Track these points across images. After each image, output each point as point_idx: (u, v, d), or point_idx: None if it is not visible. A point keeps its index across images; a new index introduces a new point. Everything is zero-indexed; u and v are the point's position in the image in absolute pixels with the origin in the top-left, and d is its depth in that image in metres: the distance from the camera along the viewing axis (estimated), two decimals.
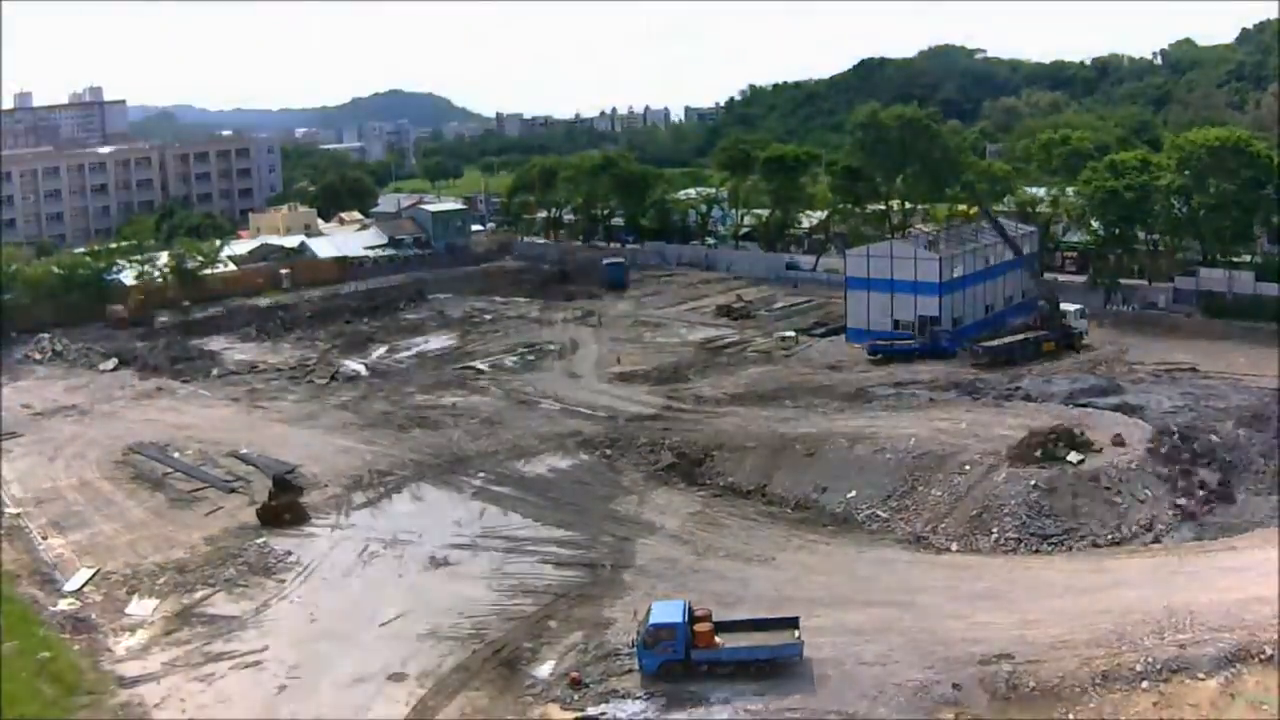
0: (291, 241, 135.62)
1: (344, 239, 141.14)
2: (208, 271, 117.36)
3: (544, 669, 40.47)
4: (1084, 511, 49.67)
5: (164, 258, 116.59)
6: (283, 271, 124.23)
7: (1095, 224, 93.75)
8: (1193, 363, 73.74)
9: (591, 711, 37.52)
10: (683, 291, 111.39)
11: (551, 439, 65.77)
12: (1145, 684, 36.48)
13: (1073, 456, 52.62)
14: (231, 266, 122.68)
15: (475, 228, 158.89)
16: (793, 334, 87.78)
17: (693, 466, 60.13)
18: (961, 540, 49.43)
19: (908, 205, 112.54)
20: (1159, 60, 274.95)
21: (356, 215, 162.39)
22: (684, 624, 38.85)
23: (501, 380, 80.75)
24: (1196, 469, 52.53)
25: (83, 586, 48.89)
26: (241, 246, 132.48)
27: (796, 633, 39.38)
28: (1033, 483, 51.33)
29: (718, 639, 39.45)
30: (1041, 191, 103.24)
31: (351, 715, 38.21)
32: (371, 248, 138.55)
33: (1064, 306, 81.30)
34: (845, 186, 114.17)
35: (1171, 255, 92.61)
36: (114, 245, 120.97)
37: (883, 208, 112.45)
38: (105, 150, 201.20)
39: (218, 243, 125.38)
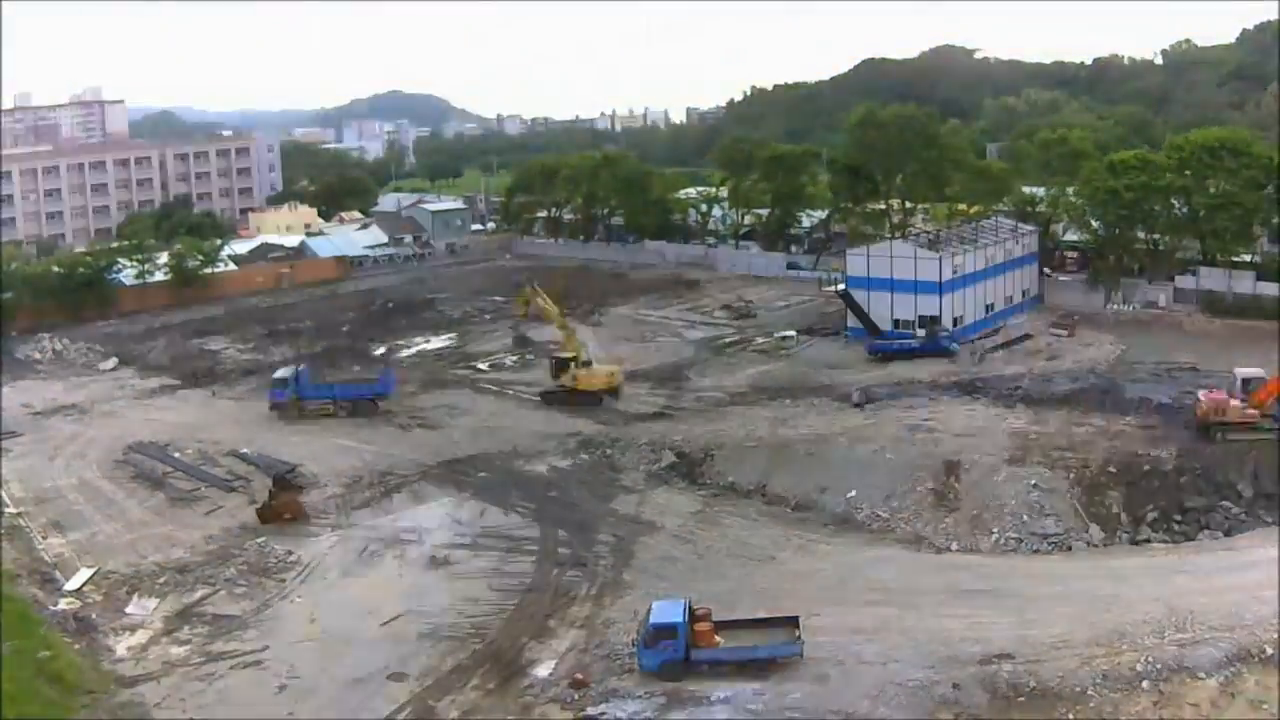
0: (292, 241, 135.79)
1: (344, 238, 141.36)
2: (208, 271, 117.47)
3: (544, 669, 40.46)
4: None
5: (164, 257, 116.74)
6: (283, 271, 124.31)
7: (1095, 224, 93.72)
8: (1193, 362, 73.69)
9: (591, 711, 37.50)
10: (683, 291, 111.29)
11: (551, 439, 65.74)
12: (1145, 684, 36.45)
13: None
14: (232, 266, 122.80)
15: (475, 227, 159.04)
16: (793, 334, 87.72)
17: (693, 466, 60.09)
18: (961, 540, 49.44)
19: (908, 205, 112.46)
20: (1159, 60, 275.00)
21: (357, 215, 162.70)
22: (684, 623, 38.85)
23: (502, 379, 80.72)
24: None
25: (83, 586, 48.86)
26: (242, 246, 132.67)
27: (797, 632, 39.37)
28: (1032, 482, 51.36)
29: (718, 638, 39.45)
30: (1041, 191, 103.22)
31: (351, 715, 38.21)
32: (372, 247, 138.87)
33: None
34: (845, 185, 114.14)
35: (1172, 255, 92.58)
36: (114, 245, 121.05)
37: (882, 207, 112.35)
38: (105, 150, 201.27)
39: (218, 242, 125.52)
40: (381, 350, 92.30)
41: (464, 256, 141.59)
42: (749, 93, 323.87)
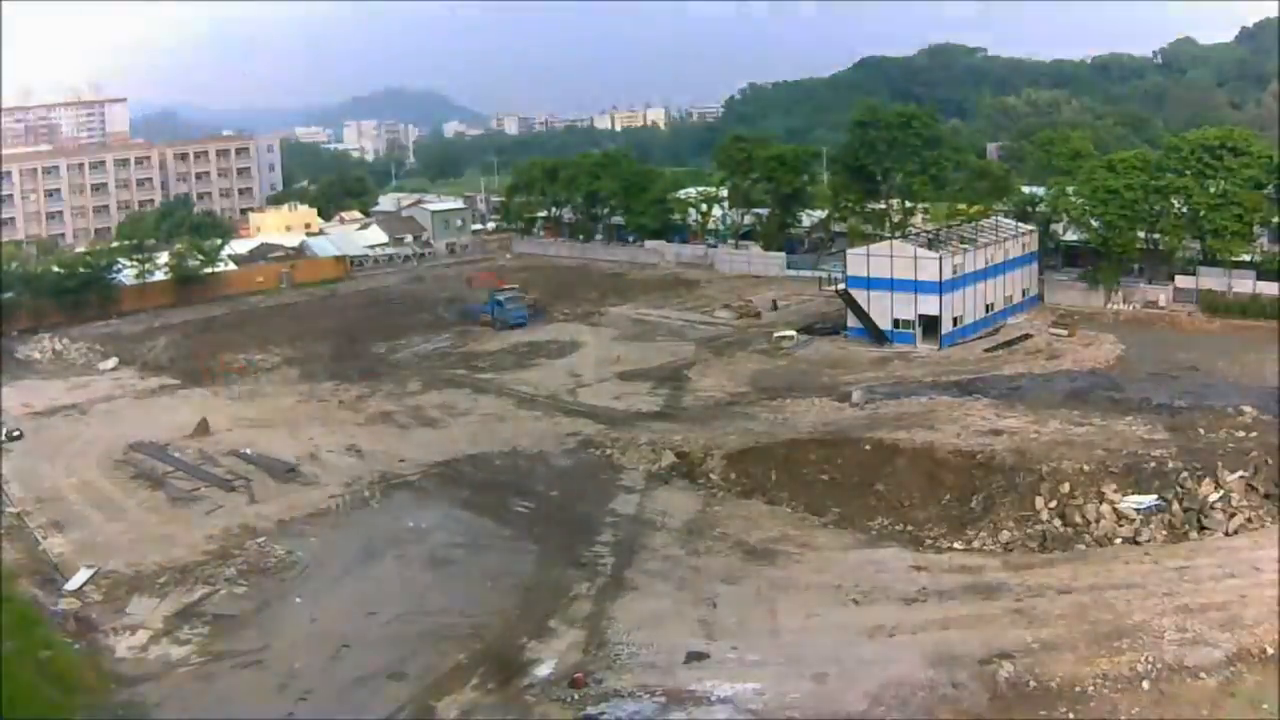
0: (292, 241, 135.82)
1: (344, 238, 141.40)
2: (208, 271, 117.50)
3: (544, 669, 40.45)
4: None
5: (165, 257, 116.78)
6: (283, 271, 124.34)
7: (1095, 223, 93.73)
8: (1192, 362, 73.73)
9: (591, 711, 37.48)
10: (683, 291, 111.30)
11: (551, 438, 65.76)
12: (1145, 684, 36.43)
13: None
14: (232, 266, 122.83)
15: (475, 227, 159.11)
16: (791, 333, 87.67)
17: (693, 466, 60.01)
18: (961, 540, 49.38)
19: (908, 204, 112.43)
20: (1159, 59, 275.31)
21: (357, 214, 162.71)
22: None
23: (501, 379, 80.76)
24: None
25: (83, 586, 48.84)
26: (242, 245, 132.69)
27: None
28: (1031, 482, 51.25)
29: None
30: (1041, 191, 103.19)
31: (351, 715, 38.20)
32: (372, 247, 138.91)
33: None
34: (845, 184, 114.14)
35: (1171, 254, 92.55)
36: (114, 245, 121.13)
37: (882, 207, 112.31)
38: (105, 150, 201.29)
39: (219, 242, 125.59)
40: (382, 350, 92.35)
41: (464, 256, 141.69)
42: (748, 91, 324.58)
